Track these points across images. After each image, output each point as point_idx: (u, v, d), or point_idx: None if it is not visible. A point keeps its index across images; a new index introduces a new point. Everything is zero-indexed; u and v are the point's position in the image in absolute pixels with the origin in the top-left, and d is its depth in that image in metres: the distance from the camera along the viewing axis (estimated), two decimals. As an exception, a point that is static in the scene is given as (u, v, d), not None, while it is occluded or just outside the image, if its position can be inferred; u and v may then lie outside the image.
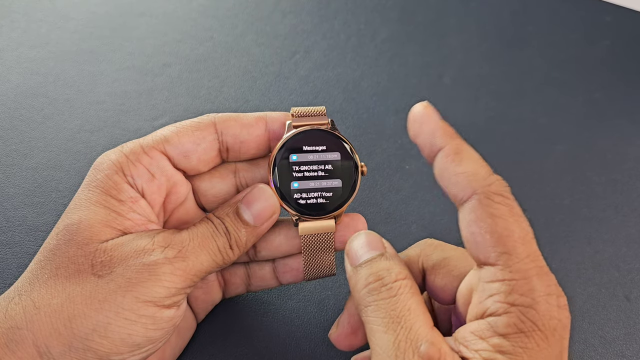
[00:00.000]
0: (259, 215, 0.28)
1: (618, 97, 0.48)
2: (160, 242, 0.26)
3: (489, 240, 0.22)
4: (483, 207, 0.23)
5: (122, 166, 0.27)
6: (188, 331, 0.32)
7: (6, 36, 0.48)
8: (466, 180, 0.23)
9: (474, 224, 0.23)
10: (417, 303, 0.23)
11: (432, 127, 0.25)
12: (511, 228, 0.22)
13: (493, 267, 0.22)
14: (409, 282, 0.24)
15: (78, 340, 0.24)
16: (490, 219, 0.22)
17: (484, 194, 0.23)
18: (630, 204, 0.41)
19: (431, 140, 0.25)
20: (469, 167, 0.24)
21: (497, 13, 0.54)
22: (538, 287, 0.21)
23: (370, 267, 0.24)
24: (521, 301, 0.21)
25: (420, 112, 0.26)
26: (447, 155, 0.24)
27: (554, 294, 0.22)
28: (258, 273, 0.32)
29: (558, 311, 0.22)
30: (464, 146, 0.25)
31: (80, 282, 0.24)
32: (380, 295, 0.23)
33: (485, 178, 0.23)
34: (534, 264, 0.22)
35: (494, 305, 0.22)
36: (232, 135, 0.29)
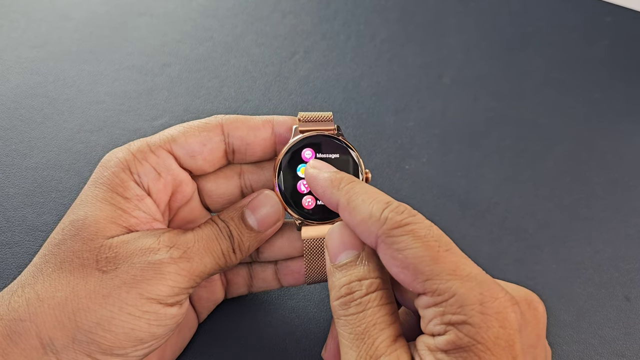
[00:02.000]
0: (263, 221, 0.28)
1: (618, 97, 0.48)
2: (165, 241, 0.26)
3: (408, 274, 0.22)
4: (388, 246, 0.23)
5: (129, 164, 0.27)
6: (189, 331, 0.32)
7: (6, 36, 0.48)
8: (365, 227, 0.24)
9: (391, 265, 0.23)
10: (384, 316, 0.23)
11: (322, 186, 0.26)
12: (420, 254, 0.22)
13: (424, 295, 0.22)
14: (380, 293, 0.24)
15: (82, 333, 0.24)
16: (399, 255, 0.22)
17: (385, 234, 0.23)
18: (630, 204, 0.41)
19: (327, 198, 0.26)
20: (362, 212, 0.24)
21: (497, 13, 0.54)
22: (467, 300, 0.21)
23: (344, 274, 0.24)
24: (455, 319, 0.21)
25: (309, 175, 0.27)
26: (343, 209, 0.25)
27: (489, 299, 0.21)
28: (260, 274, 0.32)
29: (497, 317, 0.21)
30: (353, 191, 0.25)
31: (85, 277, 0.24)
32: (349, 310, 0.23)
33: (379, 218, 0.23)
34: (457, 277, 0.21)
35: (435, 327, 0.22)
36: (239, 137, 0.29)
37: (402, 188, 0.41)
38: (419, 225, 0.23)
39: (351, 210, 0.24)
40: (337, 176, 0.26)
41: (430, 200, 0.41)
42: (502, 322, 0.21)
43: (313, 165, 0.28)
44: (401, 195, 0.41)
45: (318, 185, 0.27)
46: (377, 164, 0.42)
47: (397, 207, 0.23)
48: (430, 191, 0.41)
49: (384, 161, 0.43)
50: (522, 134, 0.45)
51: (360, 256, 0.25)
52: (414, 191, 0.41)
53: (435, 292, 0.22)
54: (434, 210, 0.40)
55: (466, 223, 0.40)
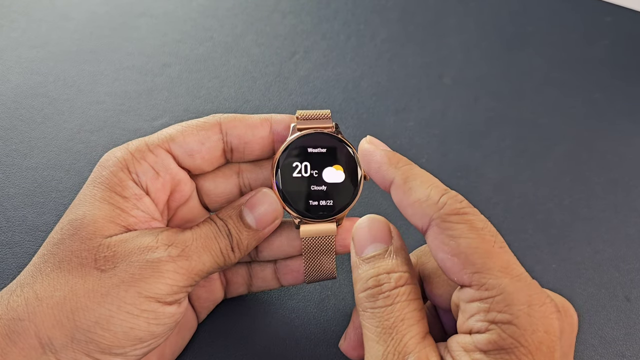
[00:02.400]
0: (261, 219, 0.28)
1: (618, 97, 0.48)
2: (164, 240, 0.26)
3: (457, 263, 0.22)
4: (442, 231, 0.22)
5: (127, 163, 0.27)
6: (188, 331, 0.32)
7: (6, 36, 0.48)
8: (420, 209, 0.23)
9: (439, 251, 0.22)
10: (413, 311, 0.23)
11: (377, 161, 0.26)
12: (475, 245, 0.22)
13: (469, 287, 0.22)
14: (409, 287, 0.23)
15: (81, 332, 0.24)
16: (452, 242, 0.22)
17: (440, 218, 0.22)
18: (630, 204, 0.41)
19: (381, 175, 0.25)
20: (419, 194, 0.24)
21: (497, 13, 0.54)
22: (516, 300, 0.21)
23: (372, 267, 0.24)
24: (500, 318, 0.20)
25: (365, 149, 0.27)
26: (397, 187, 0.24)
27: (537, 304, 0.21)
28: (259, 274, 0.32)
29: (543, 322, 0.20)
30: (411, 172, 0.25)
31: (83, 276, 0.24)
32: (377, 303, 0.23)
33: (437, 201, 0.23)
34: (508, 276, 0.21)
35: (476, 324, 0.21)
36: (237, 136, 0.29)
37: (402, 188, 0.41)
38: (477, 217, 0.23)
39: (407, 189, 0.24)
40: (394, 155, 0.26)
41: (430, 200, 0.41)
42: (547, 328, 0.20)
43: (370, 140, 0.27)
44: (401, 195, 0.41)
45: (373, 161, 0.26)
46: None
47: (456, 195, 0.23)
48: (430, 191, 0.41)
49: (384, 161, 0.43)
50: (522, 134, 0.45)
51: (389, 250, 0.24)
52: (414, 191, 0.41)
53: (483, 286, 0.21)
54: (434, 210, 0.40)
55: (466, 223, 0.40)
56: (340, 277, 0.36)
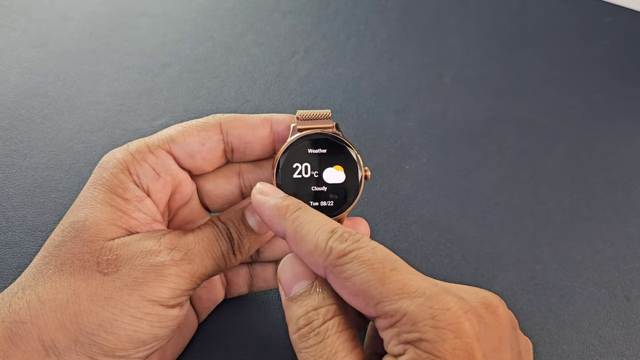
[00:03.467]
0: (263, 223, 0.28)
1: (618, 97, 0.48)
2: (166, 244, 0.26)
3: (360, 301, 0.22)
4: (337, 276, 0.23)
5: (127, 165, 0.27)
6: (189, 331, 0.32)
7: (6, 36, 0.48)
8: (313, 260, 0.23)
9: (342, 294, 0.23)
10: (344, 342, 0.23)
11: (268, 215, 0.25)
12: (367, 279, 0.22)
13: (379, 318, 0.22)
14: (337, 319, 0.23)
15: (84, 335, 0.24)
16: (348, 283, 0.22)
17: (332, 265, 0.23)
18: (630, 204, 0.41)
19: (274, 228, 0.25)
20: (309, 244, 0.23)
21: (497, 13, 0.54)
22: (419, 317, 0.21)
23: (299, 306, 0.24)
24: (411, 338, 0.21)
25: (255, 202, 0.26)
26: (290, 241, 0.24)
27: (440, 311, 0.21)
28: (261, 274, 0.32)
29: (452, 328, 0.21)
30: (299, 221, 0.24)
31: (86, 279, 0.24)
32: (309, 342, 0.23)
33: (324, 249, 0.23)
34: (405, 296, 0.21)
35: (394, 349, 0.22)
36: (237, 136, 0.29)
37: (402, 188, 0.41)
38: (363, 250, 0.22)
39: (298, 241, 0.24)
40: (283, 204, 0.25)
41: (430, 200, 0.41)
42: (457, 333, 0.21)
43: (260, 190, 0.27)
44: (401, 195, 0.41)
45: (265, 214, 0.26)
46: (377, 164, 0.42)
47: (341, 235, 0.23)
48: (431, 191, 0.41)
49: (384, 161, 0.43)
50: (522, 134, 0.45)
51: (314, 284, 0.24)
52: (414, 191, 0.41)
53: (387, 313, 0.21)
54: (434, 210, 0.40)
55: (466, 223, 0.40)
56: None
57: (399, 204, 0.40)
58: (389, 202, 0.40)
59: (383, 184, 0.41)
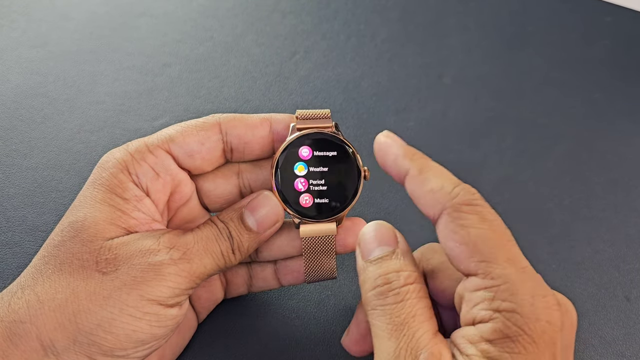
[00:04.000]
0: (262, 222, 0.28)
1: (618, 97, 0.48)
2: (165, 243, 0.26)
3: (465, 251, 0.22)
4: (453, 220, 0.23)
5: (127, 165, 0.27)
6: (189, 331, 0.32)
7: (6, 36, 0.48)
8: (433, 197, 0.24)
9: (449, 239, 0.23)
10: (423, 308, 0.23)
11: (394, 153, 0.26)
12: (484, 235, 0.22)
13: (475, 276, 0.22)
14: (418, 285, 0.24)
15: (83, 334, 0.24)
16: (462, 231, 0.22)
17: (452, 207, 0.23)
18: (630, 204, 0.41)
19: (397, 166, 0.26)
20: (434, 184, 0.24)
21: (497, 13, 0.54)
22: (521, 290, 0.21)
23: (380, 267, 0.24)
24: (504, 306, 0.21)
25: (382, 142, 0.27)
26: (412, 178, 0.25)
27: (539, 295, 0.21)
28: (260, 274, 0.32)
29: (545, 312, 0.21)
30: (427, 164, 0.25)
31: (85, 278, 0.24)
32: (387, 300, 0.23)
33: (450, 191, 0.24)
34: (513, 267, 0.22)
35: (480, 313, 0.22)
36: (237, 136, 0.29)
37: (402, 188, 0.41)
38: (489, 209, 0.23)
39: (422, 179, 0.24)
40: (411, 148, 0.26)
41: (430, 200, 0.41)
42: (549, 318, 0.21)
43: (387, 135, 0.27)
44: (401, 195, 0.41)
45: (390, 152, 0.26)
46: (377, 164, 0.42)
47: (469, 188, 0.24)
48: (431, 191, 0.41)
49: (384, 161, 0.43)
50: (522, 134, 0.45)
51: (396, 252, 0.25)
52: (414, 191, 0.41)
53: (488, 274, 0.22)
54: (434, 210, 0.40)
55: (466, 223, 0.40)
56: (341, 277, 0.36)
57: (399, 204, 0.40)
58: (389, 202, 0.40)
59: (383, 184, 0.41)
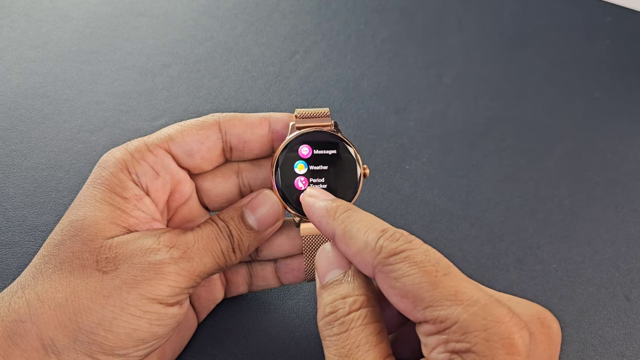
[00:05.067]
0: (262, 220, 0.28)
1: (618, 97, 0.48)
2: (165, 242, 0.26)
3: (407, 303, 0.21)
4: (386, 275, 0.22)
5: (127, 164, 0.27)
6: (189, 330, 0.32)
7: (6, 36, 0.48)
8: (361, 258, 0.23)
9: (389, 295, 0.22)
10: (368, 336, 0.22)
11: (318, 215, 0.25)
12: (418, 281, 0.21)
13: (426, 323, 0.21)
14: (364, 311, 0.23)
15: (83, 333, 0.24)
16: (397, 283, 0.22)
17: (381, 264, 0.22)
18: (630, 204, 0.41)
19: (324, 229, 0.25)
20: (358, 243, 0.23)
21: (497, 13, 0.54)
22: (472, 327, 0.20)
23: (329, 293, 0.24)
24: (459, 347, 0.20)
25: (305, 204, 0.26)
26: (339, 240, 0.24)
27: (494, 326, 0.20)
28: (260, 273, 0.32)
29: (503, 343, 0.20)
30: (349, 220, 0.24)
31: (85, 277, 0.24)
32: (333, 330, 0.23)
33: (374, 248, 0.22)
34: (458, 303, 0.21)
35: (438, 356, 0.21)
36: (236, 135, 0.29)
37: (402, 188, 0.41)
38: (415, 251, 0.22)
39: (347, 240, 0.24)
40: (332, 205, 0.25)
41: (430, 200, 0.41)
42: (509, 349, 0.20)
43: (309, 193, 0.27)
44: (401, 195, 0.41)
45: (314, 215, 0.26)
46: (378, 163, 0.42)
47: (392, 235, 0.23)
48: (431, 191, 0.41)
49: (384, 161, 0.43)
50: (523, 134, 0.45)
51: (347, 274, 0.24)
52: (415, 191, 0.41)
53: (436, 319, 0.21)
54: (434, 210, 0.40)
55: (467, 223, 0.40)
56: (341, 277, 0.36)
57: (399, 204, 0.40)
58: (389, 202, 0.40)
59: (383, 184, 0.41)
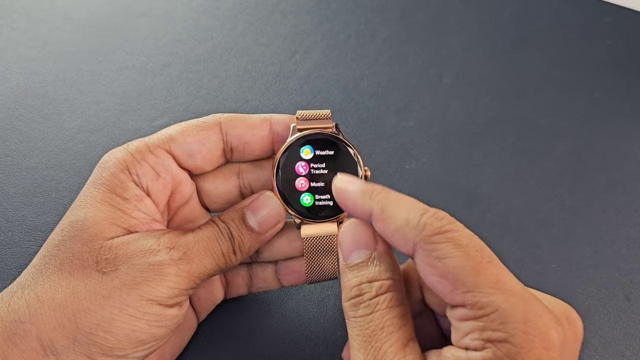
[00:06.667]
0: (264, 222, 0.28)
1: (618, 97, 0.48)
2: (165, 243, 0.26)
3: (447, 285, 0.21)
4: (428, 253, 0.22)
5: (127, 164, 0.27)
6: (188, 330, 0.32)
7: (6, 36, 0.48)
8: (402, 235, 0.23)
9: (428, 274, 0.22)
10: (393, 318, 0.22)
11: (352, 198, 0.25)
12: (462, 264, 0.21)
13: (463, 307, 0.21)
14: (390, 295, 0.23)
15: (82, 334, 0.24)
16: (439, 263, 0.21)
17: (423, 241, 0.22)
18: (630, 204, 0.41)
19: (359, 210, 0.25)
20: (399, 220, 0.23)
21: (497, 13, 0.54)
22: (511, 317, 0.20)
23: (355, 275, 0.24)
24: (496, 337, 0.20)
25: (336, 189, 0.26)
26: (377, 218, 0.24)
27: (533, 318, 0.20)
28: (260, 274, 0.32)
29: (540, 338, 0.20)
30: (387, 199, 0.24)
31: (85, 278, 0.24)
32: (358, 312, 0.23)
33: (416, 225, 0.22)
34: (501, 292, 0.20)
35: (472, 343, 0.21)
36: (237, 136, 0.29)
37: (402, 188, 0.41)
38: (460, 233, 0.22)
39: (386, 218, 0.23)
40: (368, 187, 0.25)
41: (430, 200, 0.40)
42: (545, 343, 0.20)
43: (340, 179, 0.27)
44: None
45: (348, 198, 0.25)
46: (378, 163, 0.42)
47: (435, 214, 0.23)
48: (431, 191, 0.41)
49: (384, 161, 0.43)
50: (523, 134, 0.45)
51: (372, 256, 0.24)
52: (415, 191, 0.41)
53: (475, 305, 0.20)
54: (434, 210, 0.40)
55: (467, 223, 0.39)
56: (341, 277, 0.36)
57: (399, 204, 0.40)
58: (389, 202, 0.40)
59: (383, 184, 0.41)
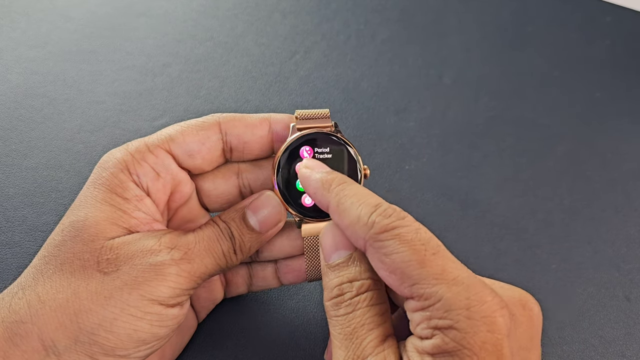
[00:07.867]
0: (264, 222, 0.28)
1: (618, 97, 0.48)
2: (166, 243, 0.26)
3: (396, 279, 0.22)
4: (376, 251, 0.23)
5: (127, 164, 0.27)
6: (189, 330, 0.32)
7: (6, 36, 0.48)
8: (353, 231, 0.24)
9: (379, 269, 0.23)
10: (373, 316, 0.23)
11: (313, 187, 0.26)
12: (407, 258, 0.22)
13: (412, 299, 0.22)
14: (370, 294, 0.24)
15: (84, 334, 0.24)
16: (387, 259, 0.22)
17: (372, 239, 0.23)
18: (630, 204, 0.41)
19: (319, 200, 0.26)
20: (351, 216, 0.24)
21: (497, 13, 0.54)
22: (454, 305, 0.21)
23: (336, 275, 0.24)
24: (441, 324, 0.21)
25: (301, 175, 0.27)
26: (332, 212, 0.25)
27: (476, 305, 0.21)
28: (260, 273, 0.32)
29: (485, 321, 0.20)
30: (343, 193, 0.25)
31: (86, 278, 0.24)
32: (340, 311, 0.24)
33: (366, 223, 0.23)
34: (443, 282, 0.21)
35: (422, 332, 0.22)
36: (236, 136, 0.29)
37: (402, 188, 0.41)
38: (406, 228, 0.22)
39: (340, 212, 0.24)
40: (328, 177, 0.26)
41: (430, 200, 0.41)
42: (490, 327, 0.21)
43: (306, 165, 0.27)
44: (401, 195, 0.41)
45: (310, 186, 0.26)
46: (378, 164, 0.42)
47: (385, 210, 0.23)
48: (431, 191, 0.41)
49: (384, 161, 0.43)
50: (523, 134, 0.45)
51: (352, 257, 0.25)
52: (415, 191, 0.41)
53: (421, 296, 0.21)
54: (434, 210, 0.40)
55: (466, 223, 0.40)
56: (341, 277, 0.36)
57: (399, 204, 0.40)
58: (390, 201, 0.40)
59: (383, 184, 0.41)
